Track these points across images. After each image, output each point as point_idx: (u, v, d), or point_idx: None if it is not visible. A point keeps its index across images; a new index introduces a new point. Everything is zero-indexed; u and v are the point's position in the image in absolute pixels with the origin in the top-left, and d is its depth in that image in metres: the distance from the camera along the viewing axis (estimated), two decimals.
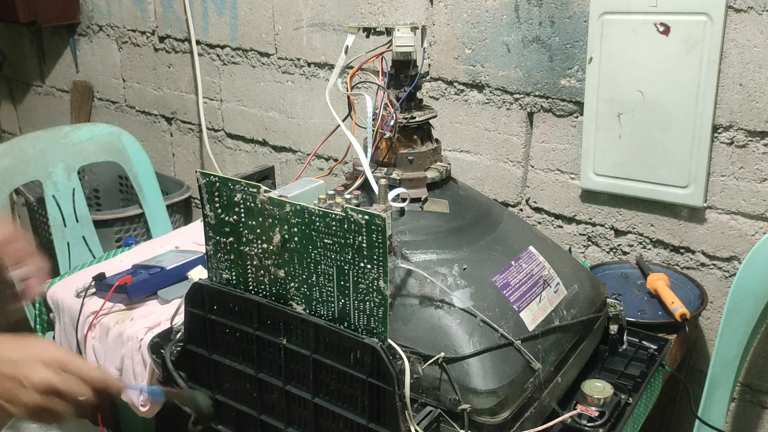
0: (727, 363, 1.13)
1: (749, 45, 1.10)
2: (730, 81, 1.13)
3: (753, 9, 1.08)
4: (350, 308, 0.75)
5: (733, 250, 1.21)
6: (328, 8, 1.59)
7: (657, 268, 1.25)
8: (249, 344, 0.83)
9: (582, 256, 1.38)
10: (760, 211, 1.16)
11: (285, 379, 0.81)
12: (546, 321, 0.87)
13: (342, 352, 0.75)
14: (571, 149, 1.33)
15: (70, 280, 1.30)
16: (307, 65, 1.68)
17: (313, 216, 0.74)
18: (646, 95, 1.20)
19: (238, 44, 1.81)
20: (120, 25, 2.11)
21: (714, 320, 1.26)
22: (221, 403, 0.88)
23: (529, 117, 1.37)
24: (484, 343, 0.79)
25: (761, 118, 1.12)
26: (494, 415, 0.76)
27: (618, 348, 1.02)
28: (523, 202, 1.43)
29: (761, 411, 1.27)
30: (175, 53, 1.98)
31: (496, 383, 0.77)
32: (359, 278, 0.73)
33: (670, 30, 1.15)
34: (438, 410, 0.77)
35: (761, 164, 1.14)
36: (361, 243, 0.71)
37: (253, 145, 1.89)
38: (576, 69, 1.28)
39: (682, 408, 1.31)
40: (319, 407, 0.78)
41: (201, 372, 0.89)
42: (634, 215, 1.30)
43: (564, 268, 0.95)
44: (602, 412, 0.87)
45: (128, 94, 2.19)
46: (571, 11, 1.25)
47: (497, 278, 0.86)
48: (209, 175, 0.82)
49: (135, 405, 1.08)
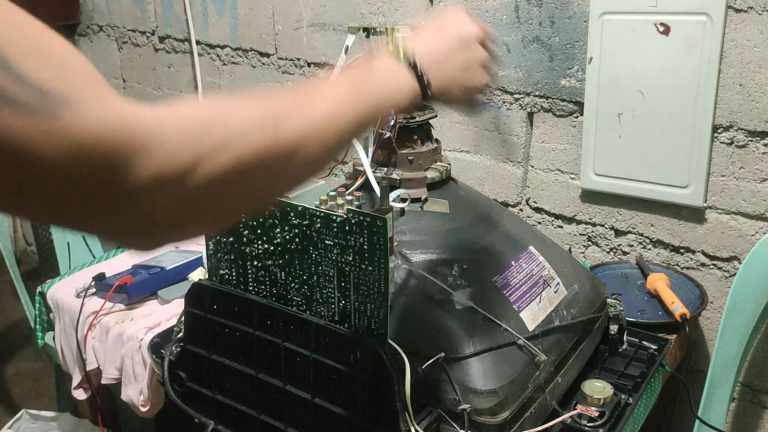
0: (727, 363, 1.13)
1: (749, 45, 1.10)
2: (730, 81, 1.13)
3: (753, 9, 1.08)
4: (351, 309, 0.75)
5: (733, 250, 1.21)
6: (328, 8, 1.59)
7: (657, 268, 1.25)
8: (249, 344, 0.83)
9: (582, 256, 1.38)
10: (760, 211, 1.16)
11: (285, 379, 0.81)
12: (546, 321, 0.87)
13: (342, 353, 0.75)
14: (571, 149, 1.33)
15: (70, 280, 1.30)
16: (307, 65, 1.68)
17: (314, 217, 0.74)
18: (646, 95, 1.20)
19: (238, 44, 1.80)
20: (120, 25, 2.11)
21: (714, 320, 1.26)
22: (221, 402, 0.88)
23: (529, 117, 1.37)
24: (484, 343, 0.79)
25: (761, 118, 1.12)
26: (494, 415, 0.76)
27: (618, 348, 1.02)
28: (523, 202, 1.43)
29: (761, 411, 1.27)
30: (175, 53, 1.98)
31: (496, 383, 0.77)
32: (360, 280, 0.73)
33: (670, 30, 1.15)
34: (438, 410, 0.77)
35: (761, 164, 1.14)
36: (362, 245, 0.71)
37: None
38: (576, 69, 1.28)
39: (682, 408, 1.31)
40: (319, 407, 0.78)
41: (201, 372, 0.89)
42: (634, 215, 1.30)
43: (564, 268, 0.95)
44: (602, 412, 0.87)
45: (128, 94, 2.19)
46: (571, 11, 1.25)
47: (497, 278, 0.86)
48: None
49: (135, 405, 1.08)
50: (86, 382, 1.24)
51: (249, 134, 0.46)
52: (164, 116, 0.43)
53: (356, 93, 0.57)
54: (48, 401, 1.81)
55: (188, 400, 0.91)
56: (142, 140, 0.40)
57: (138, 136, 0.40)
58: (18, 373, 2.16)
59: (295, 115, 0.50)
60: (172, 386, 0.91)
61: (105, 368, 1.16)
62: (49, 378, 1.74)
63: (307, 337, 0.78)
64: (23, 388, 2.09)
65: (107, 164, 0.39)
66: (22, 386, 2.10)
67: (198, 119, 0.45)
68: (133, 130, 0.40)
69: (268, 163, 0.48)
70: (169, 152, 0.42)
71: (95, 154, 0.38)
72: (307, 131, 0.51)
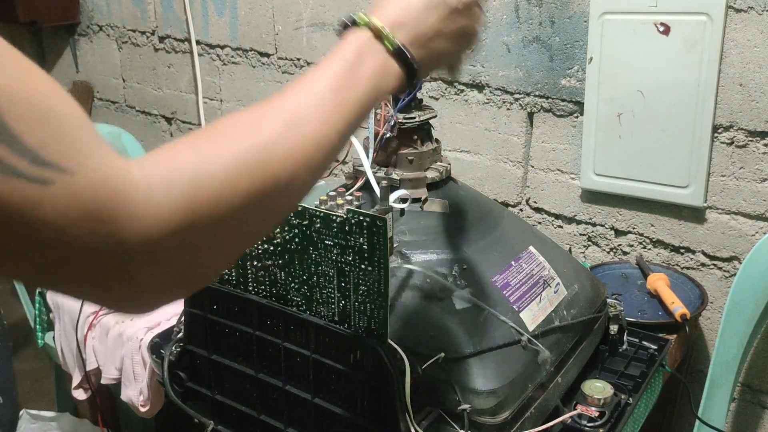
0: (727, 363, 1.13)
1: (749, 45, 1.10)
2: (730, 81, 1.13)
3: (753, 9, 1.08)
4: (351, 309, 0.75)
5: (733, 250, 1.21)
6: (328, 8, 1.59)
7: (657, 268, 1.25)
8: (249, 344, 0.83)
9: (582, 256, 1.38)
10: (760, 211, 1.16)
11: (285, 379, 0.81)
12: (546, 321, 0.87)
13: (342, 353, 0.75)
14: (571, 149, 1.33)
15: None
16: (307, 65, 1.68)
17: (314, 217, 0.74)
18: (646, 95, 1.20)
19: (238, 44, 1.80)
20: (120, 25, 2.11)
21: (714, 320, 1.26)
22: (221, 403, 0.88)
23: (529, 117, 1.37)
24: (484, 343, 0.79)
25: (761, 118, 1.12)
26: (494, 415, 0.76)
27: (618, 348, 1.02)
28: (523, 202, 1.43)
29: (761, 411, 1.27)
30: (175, 53, 1.98)
31: (496, 383, 0.77)
32: (360, 280, 0.73)
33: (670, 30, 1.15)
34: (438, 410, 0.77)
35: (761, 164, 1.14)
36: (362, 245, 0.71)
37: None
38: (576, 69, 1.28)
39: (682, 408, 1.31)
40: (319, 407, 0.78)
41: (201, 372, 0.89)
42: (634, 215, 1.30)
43: (564, 268, 0.95)
44: (602, 412, 0.87)
45: (128, 94, 2.19)
46: (571, 11, 1.25)
47: (497, 278, 0.86)
48: None
49: (135, 405, 1.08)
50: (86, 382, 1.24)
51: (239, 180, 0.44)
52: (153, 176, 0.41)
53: (343, 102, 0.53)
54: (48, 401, 1.81)
55: (188, 400, 0.91)
56: (133, 207, 0.39)
57: (129, 202, 0.39)
58: (18, 373, 2.16)
59: (281, 146, 0.48)
60: (171, 386, 0.91)
61: (105, 368, 1.16)
62: (49, 378, 1.75)
63: (307, 337, 0.78)
64: (23, 388, 2.08)
65: (97, 232, 0.38)
66: (22, 386, 2.10)
67: (187, 176, 0.42)
68: (124, 196, 0.39)
69: (261, 203, 0.46)
70: (161, 218, 0.40)
71: (85, 222, 0.37)
72: (297, 161, 0.48)
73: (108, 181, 0.38)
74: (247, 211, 0.45)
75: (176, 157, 0.44)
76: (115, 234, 0.38)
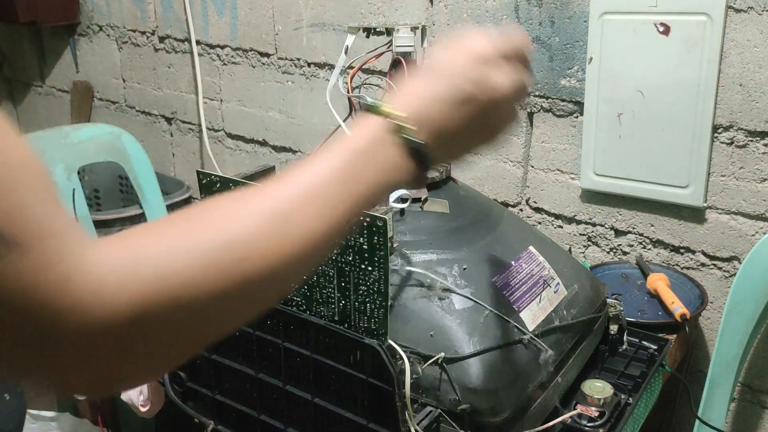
0: (727, 363, 1.13)
1: (749, 45, 1.10)
2: (730, 81, 1.13)
3: (753, 9, 1.08)
4: (351, 309, 0.75)
5: (733, 250, 1.21)
6: (328, 8, 1.59)
7: (657, 268, 1.25)
8: (249, 344, 0.83)
9: (582, 256, 1.38)
10: (760, 211, 1.16)
11: (285, 379, 0.81)
12: (546, 321, 0.87)
13: (342, 353, 0.75)
14: (571, 149, 1.33)
15: None
16: (307, 65, 1.68)
17: None
18: (646, 95, 1.20)
19: (238, 44, 1.80)
20: (120, 25, 2.11)
21: (714, 320, 1.26)
22: (221, 402, 0.88)
23: (529, 117, 1.37)
24: (484, 343, 0.79)
25: (761, 118, 1.12)
26: (494, 415, 0.76)
27: (618, 348, 1.02)
28: (523, 202, 1.43)
29: (761, 411, 1.27)
30: (175, 53, 1.98)
31: (496, 383, 0.77)
32: (360, 280, 0.73)
33: (670, 30, 1.15)
34: (438, 410, 0.77)
35: (761, 164, 1.14)
36: (362, 245, 0.71)
37: (254, 145, 1.89)
38: (576, 69, 1.28)
39: (682, 408, 1.31)
40: (319, 407, 0.78)
41: (201, 372, 0.89)
42: (634, 215, 1.30)
43: (564, 268, 0.95)
44: (602, 412, 0.87)
45: (128, 94, 2.19)
46: (571, 11, 1.25)
47: (497, 278, 0.86)
48: (209, 175, 0.82)
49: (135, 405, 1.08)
50: None
51: (206, 279, 0.40)
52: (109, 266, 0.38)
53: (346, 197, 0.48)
54: (48, 401, 1.81)
55: (188, 400, 0.91)
56: (78, 298, 0.36)
57: (75, 293, 0.36)
58: None
59: (260, 242, 0.43)
60: (171, 386, 0.91)
61: None
62: None
63: (307, 337, 0.78)
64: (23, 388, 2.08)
65: (32, 316, 0.35)
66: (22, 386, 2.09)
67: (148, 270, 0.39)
68: (73, 285, 0.36)
69: (229, 302, 0.42)
70: (107, 315, 0.37)
71: (25, 303, 0.34)
72: (276, 260, 0.43)
73: (60, 264, 0.35)
74: (212, 310, 0.41)
75: (140, 246, 0.40)
76: (53, 324, 0.35)
